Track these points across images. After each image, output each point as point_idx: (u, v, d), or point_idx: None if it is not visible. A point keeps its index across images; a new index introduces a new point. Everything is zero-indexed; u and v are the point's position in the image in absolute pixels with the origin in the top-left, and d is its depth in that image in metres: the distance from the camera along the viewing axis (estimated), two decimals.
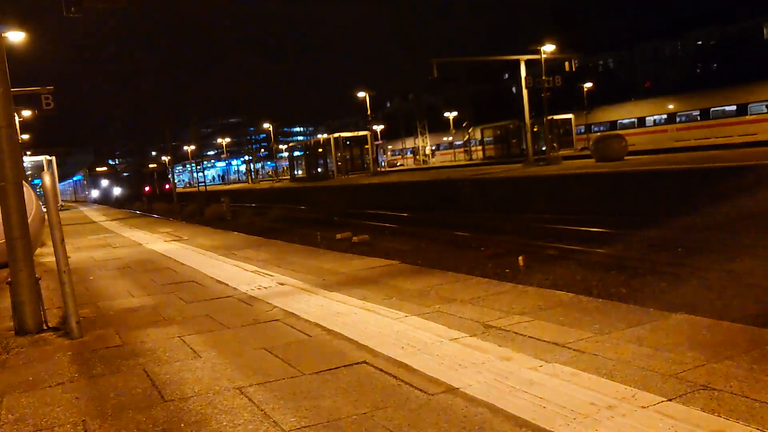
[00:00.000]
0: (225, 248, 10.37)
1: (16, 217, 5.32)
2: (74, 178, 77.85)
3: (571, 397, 3.00)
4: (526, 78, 29.09)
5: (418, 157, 59.91)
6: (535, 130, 36.88)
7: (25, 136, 33.60)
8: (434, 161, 57.84)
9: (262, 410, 3.17)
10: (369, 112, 48.71)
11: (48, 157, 35.68)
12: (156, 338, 4.82)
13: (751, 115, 31.22)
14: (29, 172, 37.13)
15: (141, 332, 5.05)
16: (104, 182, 57.09)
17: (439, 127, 64.54)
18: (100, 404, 3.46)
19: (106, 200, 52.74)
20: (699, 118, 34.12)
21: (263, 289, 6.46)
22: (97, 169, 61.97)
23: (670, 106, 36.47)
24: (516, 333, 4.11)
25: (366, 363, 3.78)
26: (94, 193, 59.10)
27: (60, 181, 65.38)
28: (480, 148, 51.35)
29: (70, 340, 4.94)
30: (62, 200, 57.59)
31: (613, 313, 4.41)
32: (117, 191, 53.00)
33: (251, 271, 7.66)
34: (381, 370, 3.64)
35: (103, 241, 13.91)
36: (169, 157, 56.74)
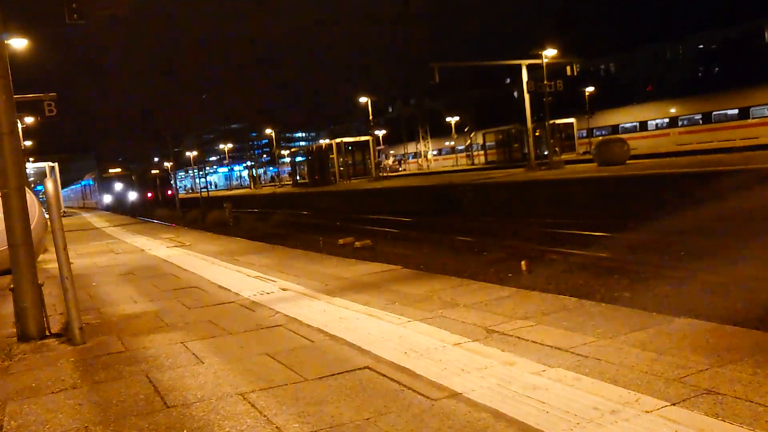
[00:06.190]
0: (227, 254, 10.38)
1: (19, 223, 5.33)
2: (82, 183, 70.64)
3: (574, 401, 2.99)
4: (527, 82, 29.11)
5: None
6: (537, 134, 36.90)
7: (28, 143, 33.72)
8: (434, 166, 57.77)
9: (265, 416, 3.16)
10: (371, 117, 48.68)
11: (51, 164, 35.81)
12: (158, 344, 4.81)
13: (753, 118, 31.18)
14: (32, 179, 37.30)
15: (143, 338, 5.05)
16: (118, 186, 50.21)
17: (441, 131, 64.58)
18: (102, 411, 3.46)
19: (120, 206, 46.15)
20: (701, 122, 34.09)
21: (266, 294, 6.45)
22: (110, 170, 54.15)
23: (672, 110, 36.44)
24: (519, 338, 4.10)
25: (369, 368, 3.78)
26: (107, 199, 51.48)
27: (63, 187, 64.30)
28: (482, 152, 51.38)
29: (73, 346, 4.94)
30: (68, 207, 56.73)
31: (616, 317, 4.40)
32: (133, 196, 47.35)
33: (254, 277, 7.66)
34: (384, 375, 3.63)
35: (106, 247, 13.91)
36: (171, 163, 56.70)
